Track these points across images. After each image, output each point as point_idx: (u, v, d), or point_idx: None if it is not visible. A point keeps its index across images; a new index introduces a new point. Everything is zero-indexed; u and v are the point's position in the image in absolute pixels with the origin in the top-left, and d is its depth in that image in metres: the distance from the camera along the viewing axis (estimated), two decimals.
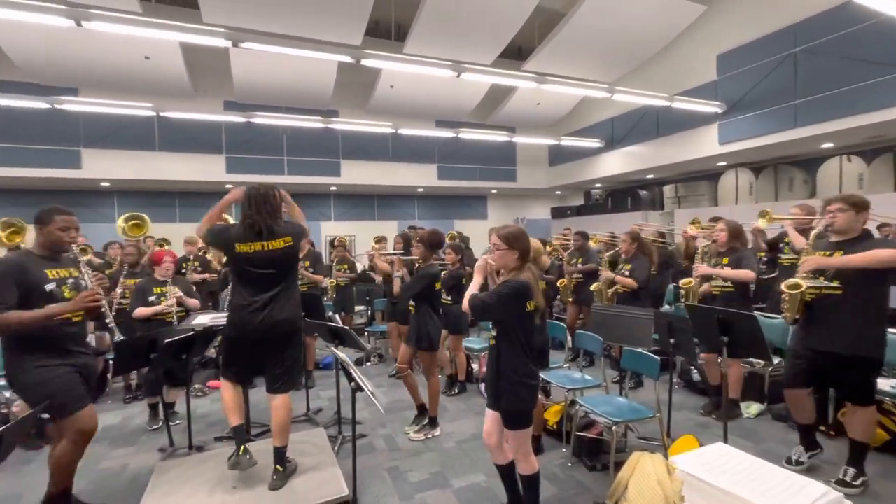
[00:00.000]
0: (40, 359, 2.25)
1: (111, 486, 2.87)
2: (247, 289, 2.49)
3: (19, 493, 2.79)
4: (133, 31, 4.45)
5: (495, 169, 11.89)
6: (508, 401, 2.07)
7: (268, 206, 2.48)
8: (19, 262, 2.26)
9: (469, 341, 4.70)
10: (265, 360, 2.58)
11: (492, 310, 2.05)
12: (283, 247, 2.50)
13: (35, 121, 7.90)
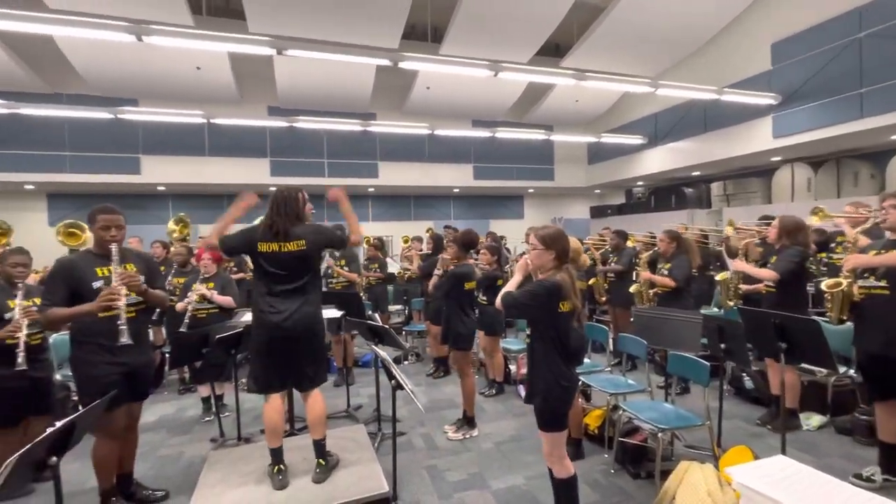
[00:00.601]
0: (89, 354, 2.39)
1: (169, 472, 3.04)
2: (266, 288, 2.54)
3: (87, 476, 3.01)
4: (188, 44, 4.72)
5: (532, 168, 11.74)
6: (541, 401, 2.04)
7: (288, 207, 2.52)
8: (69, 263, 2.42)
9: (507, 342, 4.67)
10: (291, 360, 2.58)
11: (522, 307, 2.04)
12: (296, 249, 2.50)
13: (100, 130, 8.53)
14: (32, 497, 2.74)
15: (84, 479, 2.96)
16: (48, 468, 1.70)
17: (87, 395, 2.32)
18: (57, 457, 1.72)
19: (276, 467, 2.56)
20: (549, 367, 2.03)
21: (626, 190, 12.62)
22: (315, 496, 2.45)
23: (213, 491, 2.51)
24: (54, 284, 2.34)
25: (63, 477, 1.72)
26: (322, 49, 5.13)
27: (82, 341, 2.40)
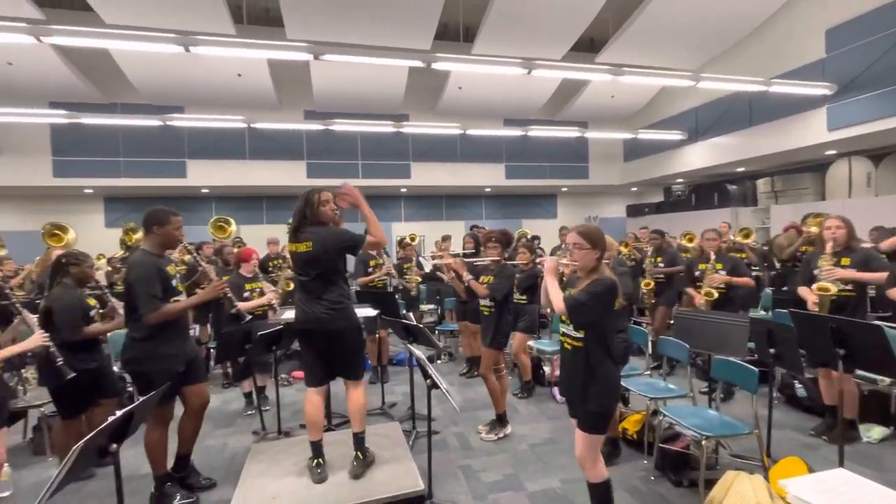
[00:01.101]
0: (160, 347, 2.53)
1: (214, 462, 3.18)
2: (297, 286, 2.73)
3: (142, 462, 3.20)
4: (231, 52, 4.92)
5: (566, 166, 11.54)
6: (595, 405, 1.99)
7: (306, 209, 2.59)
8: (154, 262, 2.56)
9: (541, 343, 4.61)
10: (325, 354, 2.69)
11: (590, 310, 1.97)
12: (305, 251, 2.56)
13: (150, 137, 9.03)
14: (92, 481, 2.93)
15: (139, 465, 3.13)
16: (109, 454, 1.82)
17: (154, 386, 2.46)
18: (117, 444, 1.84)
19: (316, 461, 2.64)
20: (604, 369, 1.99)
21: (665, 188, 12.19)
22: (352, 491, 2.51)
23: (256, 482, 2.61)
24: (153, 284, 2.46)
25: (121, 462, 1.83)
26: (357, 53, 5.23)
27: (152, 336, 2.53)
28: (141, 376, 2.54)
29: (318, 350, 2.68)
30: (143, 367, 2.52)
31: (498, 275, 3.34)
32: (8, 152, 8.74)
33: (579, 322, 2.04)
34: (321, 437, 2.70)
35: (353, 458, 2.66)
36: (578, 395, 2.06)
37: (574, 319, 2.07)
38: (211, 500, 2.71)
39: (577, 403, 2.07)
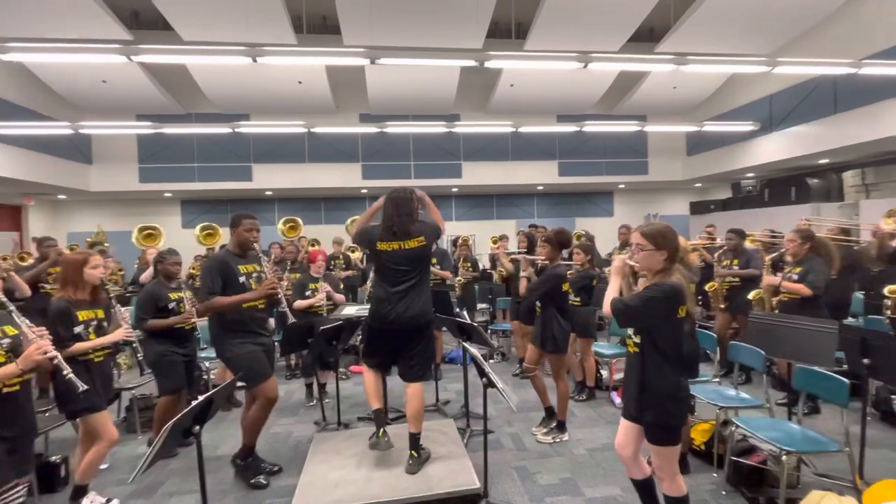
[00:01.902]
0: (237, 338, 2.76)
1: (279, 449, 3.37)
2: (385, 283, 2.75)
3: (216, 444, 3.46)
4: (294, 61, 5.18)
5: (623, 162, 11.08)
6: (655, 415, 1.88)
7: (405, 208, 2.69)
8: (222, 259, 2.81)
9: (599, 346, 4.46)
10: (399, 350, 2.79)
11: (638, 315, 1.88)
12: (417, 246, 2.69)
13: (220, 143, 9.71)
14: (175, 459, 3.20)
15: (214, 446, 3.39)
16: (192, 435, 1.98)
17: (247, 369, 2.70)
18: (199, 425, 2.00)
19: (380, 430, 2.69)
20: (662, 378, 1.88)
21: (733, 183, 11.34)
22: (410, 485, 2.56)
23: (320, 470, 2.74)
24: (213, 278, 2.70)
25: None
26: (411, 55, 5.32)
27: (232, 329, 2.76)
28: (228, 363, 2.79)
29: (391, 344, 2.78)
30: (228, 356, 2.77)
31: (544, 275, 3.30)
32: (101, 161, 9.75)
33: (626, 327, 1.97)
34: (382, 406, 2.81)
35: (409, 456, 2.71)
36: (633, 401, 1.98)
37: (620, 324, 2.00)
38: (278, 485, 2.86)
39: (633, 411, 1.99)
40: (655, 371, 1.88)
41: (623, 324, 1.96)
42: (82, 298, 2.60)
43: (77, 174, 9.28)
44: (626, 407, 2.07)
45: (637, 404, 1.94)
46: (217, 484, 2.84)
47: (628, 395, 2.04)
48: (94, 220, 11.07)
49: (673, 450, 1.91)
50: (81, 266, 2.61)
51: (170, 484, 2.92)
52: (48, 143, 8.34)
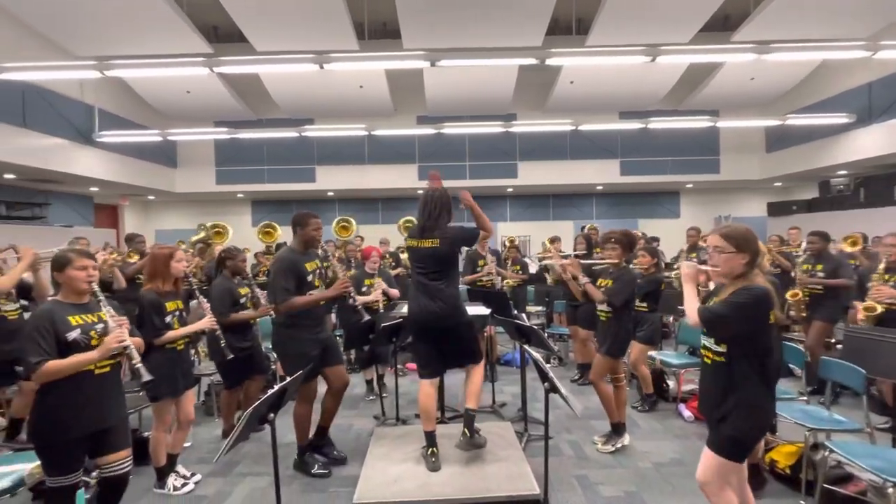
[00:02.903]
0: (297, 333, 2.87)
1: (341, 440, 3.48)
2: (414, 280, 2.85)
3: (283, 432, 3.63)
4: (358, 66, 5.37)
5: (692, 160, 10.42)
6: (734, 427, 1.74)
7: (428, 206, 2.74)
8: (291, 259, 2.92)
9: (665, 355, 4.22)
10: (440, 348, 2.81)
11: (730, 323, 1.74)
12: (430, 246, 2.72)
13: (287, 147, 10.28)
14: (246, 443, 3.42)
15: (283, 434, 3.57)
16: (266, 421, 2.11)
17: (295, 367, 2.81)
18: (273, 413, 2.12)
19: (430, 450, 2.74)
20: (749, 389, 1.73)
21: (821, 182, 10.29)
22: (468, 483, 2.56)
23: (380, 464, 2.81)
24: (287, 278, 2.80)
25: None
26: (472, 56, 5.33)
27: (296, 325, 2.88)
28: (284, 357, 2.91)
29: (431, 343, 2.81)
30: (285, 350, 2.90)
31: (618, 279, 3.13)
32: (184, 164, 10.67)
33: (718, 336, 1.82)
34: (435, 428, 2.81)
35: (461, 433, 2.74)
36: (715, 415, 1.82)
37: (712, 333, 1.85)
38: (341, 475, 2.97)
39: (714, 423, 1.84)
40: (743, 382, 1.74)
41: (714, 333, 1.82)
42: (168, 290, 2.84)
43: (164, 177, 10.23)
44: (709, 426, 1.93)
45: (718, 419, 1.79)
46: (285, 469, 3.00)
47: (708, 409, 1.89)
48: (178, 219, 12.14)
49: (736, 466, 1.77)
50: (168, 260, 2.84)
51: (243, 465, 3.13)
52: (141, 150, 9.26)
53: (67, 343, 1.95)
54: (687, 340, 4.43)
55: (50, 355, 1.90)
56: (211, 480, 2.94)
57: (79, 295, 2.09)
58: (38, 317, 1.96)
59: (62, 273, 2.05)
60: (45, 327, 1.91)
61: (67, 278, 2.05)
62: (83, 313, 2.06)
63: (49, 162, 7.23)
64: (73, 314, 2.03)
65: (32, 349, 1.87)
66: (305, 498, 2.73)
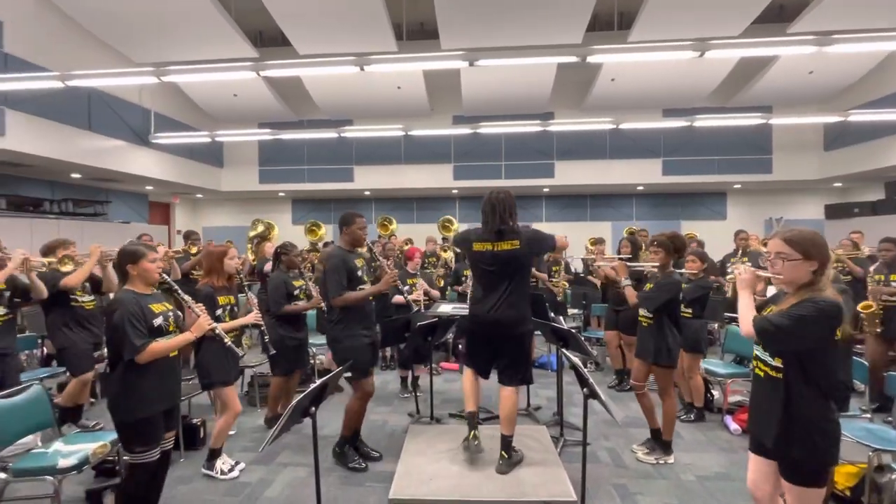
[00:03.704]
0: (351, 329, 2.95)
1: (376, 437, 3.56)
2: (479, 285, 2.77)
3: (322, 424, 3.74)
4: (397, 67, 5.43)
5: (741, 159, 9.91)
6: (803, 452, 1.62)
7: (500, 208, 2.65)
8: (342, 257, 2.99)
9: (711, 363, 4.04)
10: (495, 352, 2.79)
11: (791, 336, 1.62)
12: (509, 249, 2.63)
13: (327, 147, 10.53)
14: (287, 435, 3.53)
15: (321, 426, 3.68)
16: (308, 414, 2.17)
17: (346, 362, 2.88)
18: (315, 406, 2.18)
19: (472, 433, 2.72)
20: (812, 409, 1.63)
21: (888, 182, 9.54)
22: (503, 487, 2.54)
23: (415, 461, 2.83)
24: (340, 276, 2.89)
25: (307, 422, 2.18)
26: (510, 55, 5.26)
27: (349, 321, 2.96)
28: (341, 352, 2.98)
29: (489, 346, 2.79)
30: (339, 345, 2.97)
31: (658, 284, 3.03)
32: (230, 164, 11.15)
33: (774, 349, 1.70)
34: (476, 410, 2.80)
35: (500, 455, 2.70)
36: (770, 434, 1.70)
37: (767, 346, 1.73)
38: (376, 470, 3.03)
39: (771, 445, 1.72)
40: (803, 401, 1.62)
41: (770, 346, 1.70)
42: (222, 285, 2.98)
43: (212, 176, 10.73)
44: (755, 440, 1.83)
45: (779, 438, 1.68)
46: (323, 461, 3.07)
47: (761, 426, 1.78)
48: (224, 217, 12.71)
49: (818, 493, 1.64)
50: (222, 257, 3.00)
51: (284, 455, 3.25)
52: (192, 150, 9.76)
53: (153, 329, 2.14)
54: (734, 349, 4.23)
55: (149, 338, 2.10)
56: (254, 468, 3.07)
57: (149, 286, 2.26)
58: (129, 304, 2.12)
59: (136, 265, 2.20)
60: (138, 314, 2.10)
61: (142, 270, 2.21)
62: (156, 302, 2.25)
63: (110, 162, 7.74)
64: (152, 303, 2.22)
65: (134, 333, 2.06)
66: (343, 491, 2.80)
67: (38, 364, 4.68)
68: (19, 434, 2.48)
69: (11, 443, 2.45)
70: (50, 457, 2.35)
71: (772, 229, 9.98)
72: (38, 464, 2.31)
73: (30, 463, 2.33)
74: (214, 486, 2.85)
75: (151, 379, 2.14)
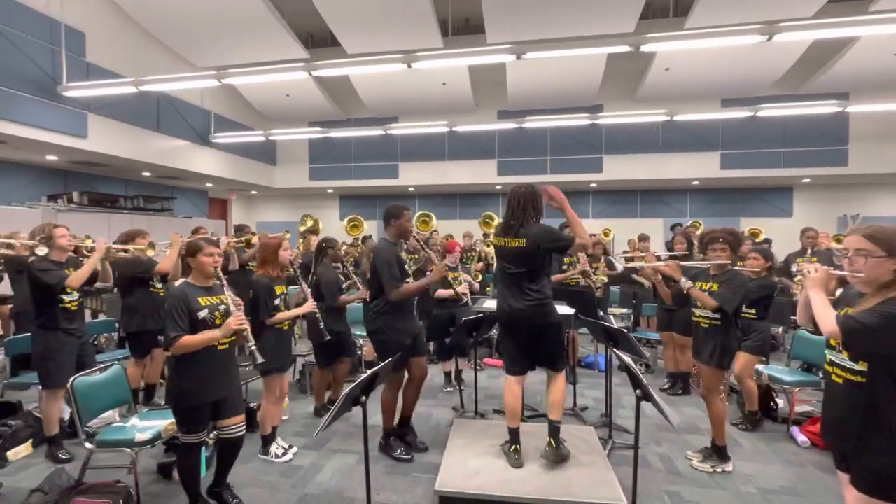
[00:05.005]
0: (393, 321, 3.00)
1: (421, 428, 3.59)
2: (500, 279, 2.83)
3: (369, 414, 3.85)
4: (446, 63, 5.45)
5: (810, 151, 9.17)
6: (882, 461, 1.50)
7: (515, 204, 2.66)
8: (392, 249, 3.05)
9: (775, 370, 3.78)
10: (526, 345, 2.77)
11: (880, 337, 1.49)
12: (516, 246, 2.64)
13: (373, 144, 10.75)
14: (336, 423, 3.65)
15: (369, 416, 3.79)
16: (358, 403, 2.24)
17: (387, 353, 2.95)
18: (365, 396, 2.25)
19: (513, 447, 2.73)
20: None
21: None
22: (549, 485, 2.51)
23: (460, 455, 2.85)
24: (392, 269, 2.95)
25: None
26: (559, 47, 5.14)
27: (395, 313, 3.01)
28: (380, 344, 3.05)
29: (520, 341, 2.78)
30: (382, 337, 3.03)
31: (728, 283, 2.84)
32: (282, 162, 11.64)
33: (860, 352, 1.56)
34: (519, 426, 2.79)
35: (547, 443, 2.68)
36: (852, 443, 1.58)
37: (853, 348, 1.59)
38: (422, 461, 3.08)
39: (851, 454, 1.60)
40: (889, 407, 1.50)
41: (856, 348, 1.57)
42: (276, 276, 3.12)
43: (265, 173, 11.25)
44: (838, 453, 1.69)
45: (857, 447, 1.56)
46: (371, 449, 3.17)
47: (840, 437, 1.65)
48: (277, 212, 13.31)
49: None
50: (277, 249, 3.14)
51: (334, 442, 3.37)
52: (247, 149, 10.28)
53: (198, 321, 2.26)
54: (801, 355, 3.92)
55: (184, 331, 2.22)
56: (305, 453, 3.20)
57: (206, 278, 2.40)
58: (175, 297, 2.28)
59: (194, 258, 2.35)
60: (181, 307, 2.23)
61: (198, 263, 2.36)
62: (209, 295, 2.38)
63: (175, 161, 8.31)
64: (202, 296, 2.35)
65: (171, 325, 2.20)
66: (390, 479, 2.86)
67: (115, 346, 5.11)
68: (103, 409, 2.73)
69: (95, 416, 2.70)
70: (128, 430, 2.56)
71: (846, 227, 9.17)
72: (118, 436, 2.54)
73: (111, 435, 2.56)
74: (271, 467, 3.01)
75: (197, 370, 2.26)
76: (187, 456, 2.37)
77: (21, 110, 5.72)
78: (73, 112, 6.37)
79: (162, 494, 2.69)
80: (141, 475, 2.64)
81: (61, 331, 3.02)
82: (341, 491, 2.75)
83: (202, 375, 2.28)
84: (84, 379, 2.60)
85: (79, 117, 6.46)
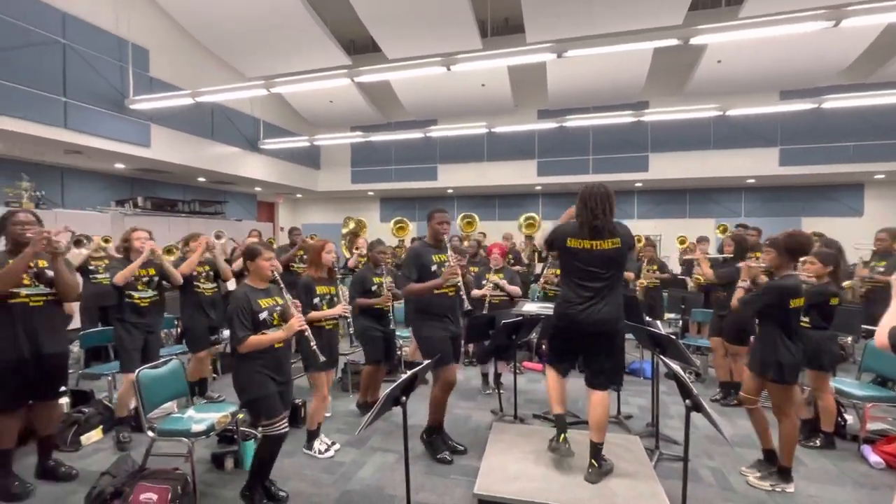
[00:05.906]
0: (430, 321, 3.05)
1: (460, 430, 3.60)
2: (573, 283, 2.62)
3: (411, 413, 3.90)
4: (486, 65, 5.44)
5: (886, 145, 8.42)
6: None
7: (601, 205, 2.51)
8: (417, 250, 3.13)
9: (844, 383, 3.48)
10: (587, 355, 2.68)
11: None
12: (611, 248, 2.52)
13: (412, 147, 10.88)
14: (377, 421, 3.72)
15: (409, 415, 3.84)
16: (399, 403, 2.27)
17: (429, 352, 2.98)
18: (405, 396, 2.27)
19: (562, 436, 2.66)
20: None
21: None
22: (592, 495, 2.43)
23: (499, 459, 2.82)
24: (409, 268, 3.05)
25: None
26: (602, 43, 5.00)
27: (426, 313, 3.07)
28: (420, 342, 3.10)
29: (578, 348, 2.71)
30: (421, 335, 3.08)
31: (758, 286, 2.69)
32: (326, 166, 12.02)
33: None
34: (564, 411, 2.74)
35: (589, 464, 2.58)
36: None
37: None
38: (460, 463, 3.07)
39: None
40: None
41: None
42: (321, 276, 3.24)
43: (310, 177, 11.66)
44: None
45: None
46: (410, 449, 3.20)
47: None
48: (321, 215, 13.76)
49: None
50: (320, 251, 3.25)
51: (374, 440, 3.43)
52: (293, 154, 10.69)
53: (258, 321, 2.43)
54: (874, 367, 3.60)
55: (251, 331, 2.40)
56: (347, 450, 3.28)
57: (263, 281, 2.55)
58: (239, 299, 2.45)
59: (253, 262, 2.51)
60: (245, 308, 2.41)
61: (257, 267, 2.52)
62: (267, 297, 2.55)
63: (228, 167, 8.78)
64: (261, 298, 2.52)
65: (238, 326, 2.38)
66: (429, 479, 2.88)
67: (173, 342, 5.45)
68: (163, 400, 2.92)
69: (157, 407, 2.89)
70: (185, 421, 2.73)
71: None
72: (176, 427, 2.70)
73: (170, 425, 2.73)
74: (314, 462, 3.10)
75: (260, 364, 2.44)
76: (272, 446, 2.51)
77: (95, 123, 6.24)
78: (139, 123, 6.88)
79: (216, 483, 2.84)
80: (196, 464, 2.79)
81: (129, 323, 3.37)
82: (381, 488, 2.79)
83: (264, 369, 2.46)
84: (147, 372, 2.80)
85: (143, 128, 6.96)
